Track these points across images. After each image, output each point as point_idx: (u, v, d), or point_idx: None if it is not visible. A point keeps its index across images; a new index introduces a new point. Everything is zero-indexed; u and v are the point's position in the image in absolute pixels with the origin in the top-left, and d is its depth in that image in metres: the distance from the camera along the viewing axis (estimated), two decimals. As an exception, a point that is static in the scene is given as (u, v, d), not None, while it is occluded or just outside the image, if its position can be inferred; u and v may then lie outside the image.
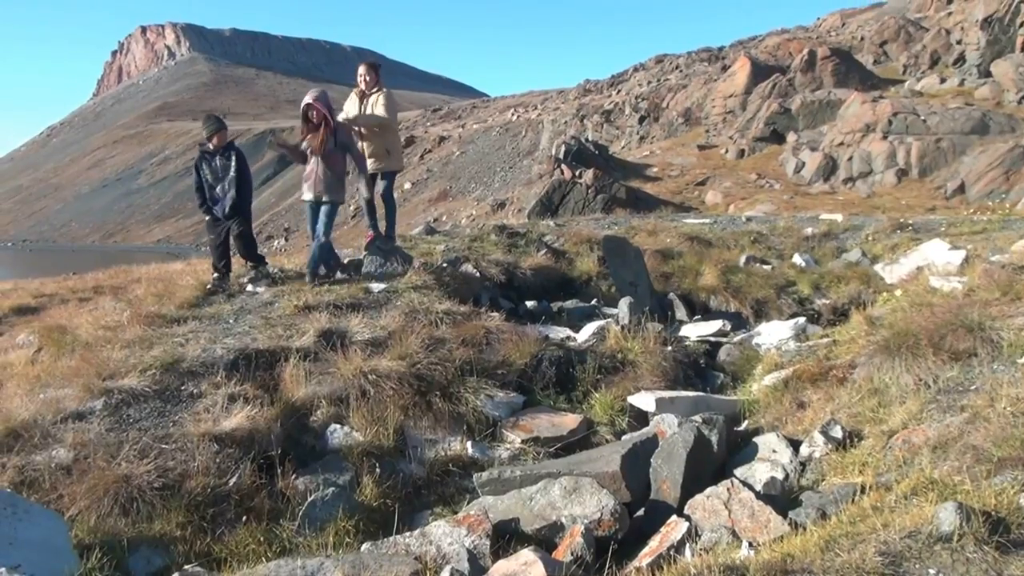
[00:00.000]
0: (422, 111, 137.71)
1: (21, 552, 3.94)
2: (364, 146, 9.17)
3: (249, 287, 8.32)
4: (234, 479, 4.92)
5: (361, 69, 9.34)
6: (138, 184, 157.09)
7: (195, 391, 5.83)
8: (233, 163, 8.38)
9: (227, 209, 8.41)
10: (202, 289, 8.34)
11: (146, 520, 4.54)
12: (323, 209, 8.54)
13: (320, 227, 8.51)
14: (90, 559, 4.08)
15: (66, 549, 4.14)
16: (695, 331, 8.22)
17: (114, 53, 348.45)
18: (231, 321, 7.30)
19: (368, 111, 9.24)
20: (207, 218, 8.74)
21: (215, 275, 8.70)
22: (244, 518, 4.67)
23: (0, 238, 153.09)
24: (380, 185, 9.42)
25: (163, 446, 5.07)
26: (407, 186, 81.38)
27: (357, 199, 9.65)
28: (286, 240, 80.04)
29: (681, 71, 79.64)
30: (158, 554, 4.37)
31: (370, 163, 9.20)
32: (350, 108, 9.41)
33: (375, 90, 9.31)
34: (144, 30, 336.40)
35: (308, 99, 8.41)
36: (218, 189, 8.47)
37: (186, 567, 3.98)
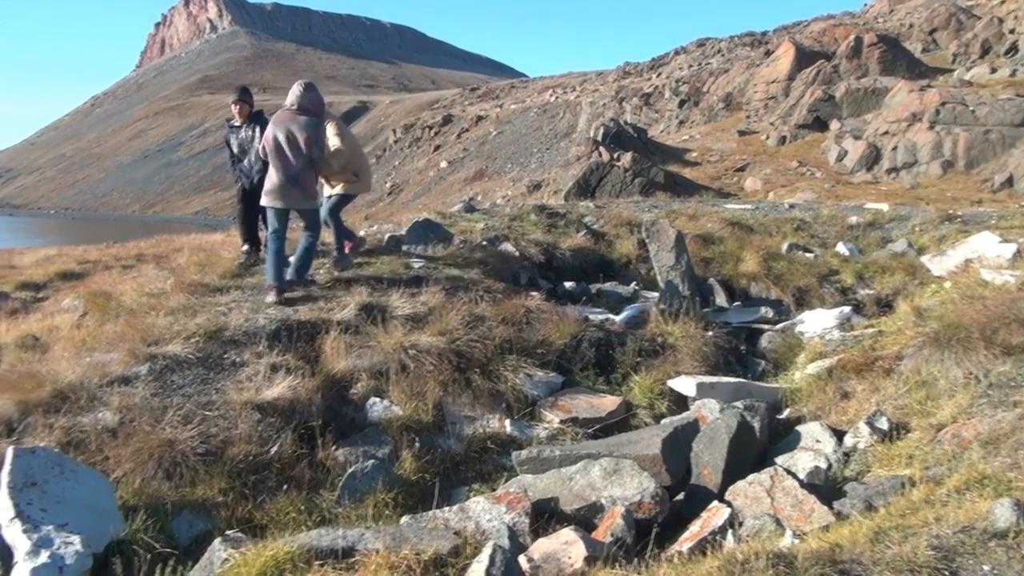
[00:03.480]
0: (460, 90, 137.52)
1: (69, 511, 4.00)
2: None
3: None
4: (275, 448, 4.97)
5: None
6: (178, 156, 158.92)
7: (237, 360, 5.89)
8: (257, 134, 8.20)
9: (254, 181, 8.22)
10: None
11: (189, 485, 4.59)
12: None
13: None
14: (135, 520, 4.14)
15: (111, 510, 4.21)
16: (736, 317, 8.13)
17: (157, 25, 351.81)
18: (273, 292, 7.34)
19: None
20: (237, 187, 8.66)
21: (243, 248, 8.62)
22: (284, 486, 4.72)
23: (44, 206, 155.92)
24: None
25: (206, 413, 5.13)
26: (443, 165, 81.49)
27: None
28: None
29: (723, 55, 78.59)
30: (200, 519, 4.42)
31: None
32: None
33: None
34: (187, 2, 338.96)
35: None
36: (245, 161, 8.37)
37: (228, 532, 4.01)
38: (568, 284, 9.42)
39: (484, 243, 9.43)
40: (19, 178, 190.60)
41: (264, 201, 7.33)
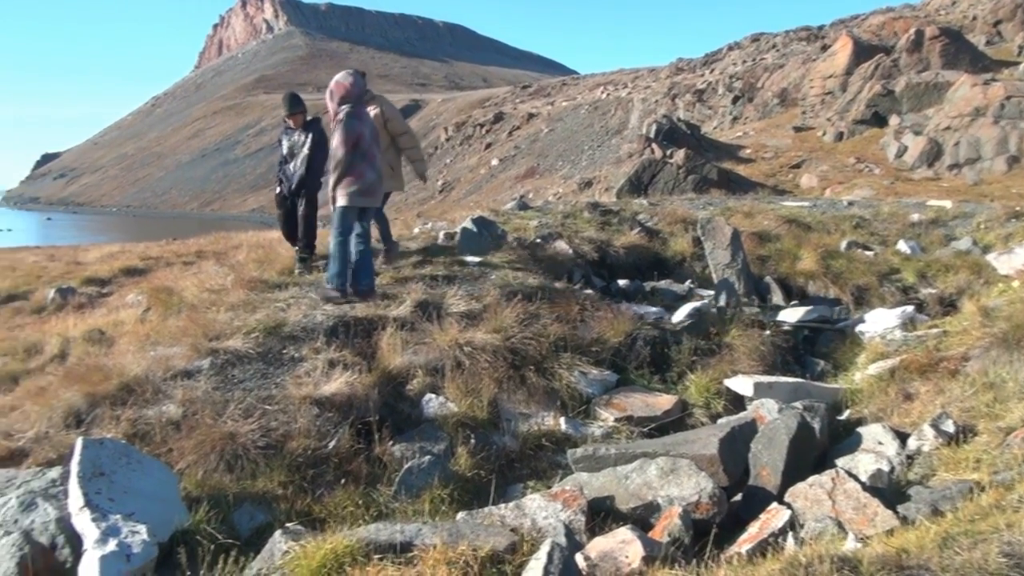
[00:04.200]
0: (511, 88, 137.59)
1: (135, 501, 4.10)
2: None
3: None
4: (333, 442, 5.03)
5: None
6: (235, 154, 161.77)
7: (296, 355, 5.97)
8: (308, 140, 8.18)
9: (293, 185, 8.25)
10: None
11: (249, 477, 4.67)
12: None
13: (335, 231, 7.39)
14: (198, 511, 4.22)
15: (176, 500, 4.30)
16: (794, 316, 8.00)
17: (215, 26, 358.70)
18: (330, 287, 7.42)
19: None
20: (276, 192, 8.60)
21: (298, 254, 8.34)
22: (342, 481, 4.76)
23: (106, 204, 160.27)
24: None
25: (266, 407, 5.21)
26: (494, 162, 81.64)
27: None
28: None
29: (778, 50, 77.31)
30: (261, 511, 4.50)
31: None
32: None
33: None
34: (244, 4, 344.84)
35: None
36: (291, 165, 8.31)
37: (288, 525, 4.07)
38: (622, 282, 9.37)
39: (538, 240, 9.43)
40: (83, 177, 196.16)
41: (360, 201, 7.16)
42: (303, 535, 3.81)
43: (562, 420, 5.69)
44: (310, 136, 8.21)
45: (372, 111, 7.77)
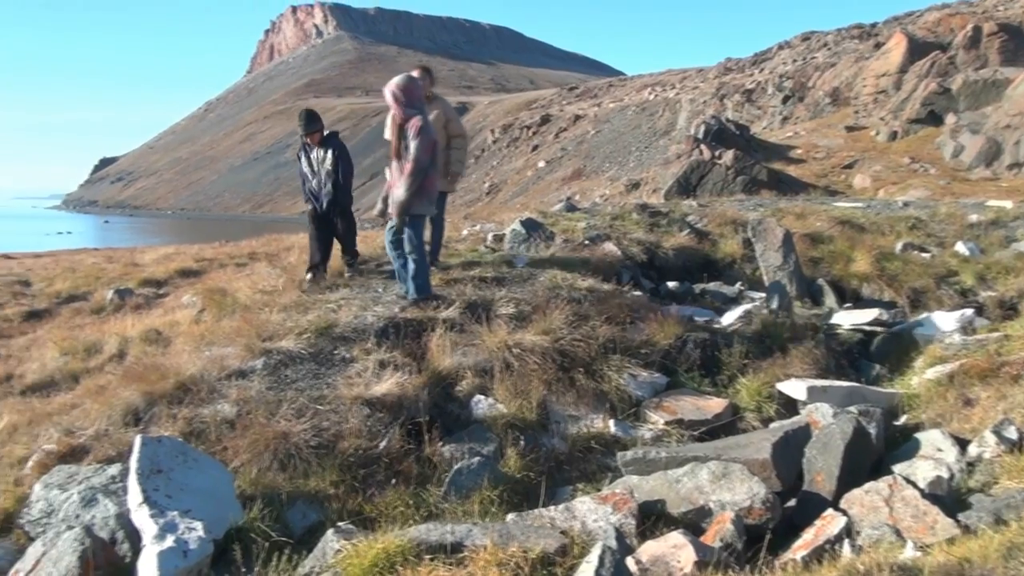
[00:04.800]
0: (558, 89, 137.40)
1: (191, 498, 4.18)
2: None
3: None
4: (384, 442, 5.07)
5: (416, 74, 7.58)
6: (285, 158, 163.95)
7: (347, 356, 6.04)
8: (329, 156, 8.03)
9: (324, 205, 8.10)
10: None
11: (302, 476, 4.73)
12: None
13: (403, 248, 7.06)
14: (252, 509, 4.29)
15: (231, 498, 4.37)
16: (848, 319, 7.85)
17: (267, 32, 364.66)
18: (380, 290, 7.51)
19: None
20: (308, 208, 8.30)
21: (308, 275, 8.07)
22: (393, 480, 4.80)
23: (161, 207, 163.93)
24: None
25: (318, 407, 5.28)
26: (540, 164, 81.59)
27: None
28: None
29: (829, 49, 76.04)
30: (313, 510, 4.55)
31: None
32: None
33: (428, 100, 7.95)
34: (295, 10, 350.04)
35: (391, 85, 6.90)
36: (314, 182, 8.15)
37: (339, 524, 4.11)
38: (671, 284, 9.30)
39: (586, 242, 9.41)
40: (139, 180, 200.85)
41: (431, 210, 7.20)
42: (355, 534, 3.85)
43: (611, 422, 5.66)
44: (330, 152, 8.07)
45: (433, 112, 7.76)
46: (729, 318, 7.52)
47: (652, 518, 4.21)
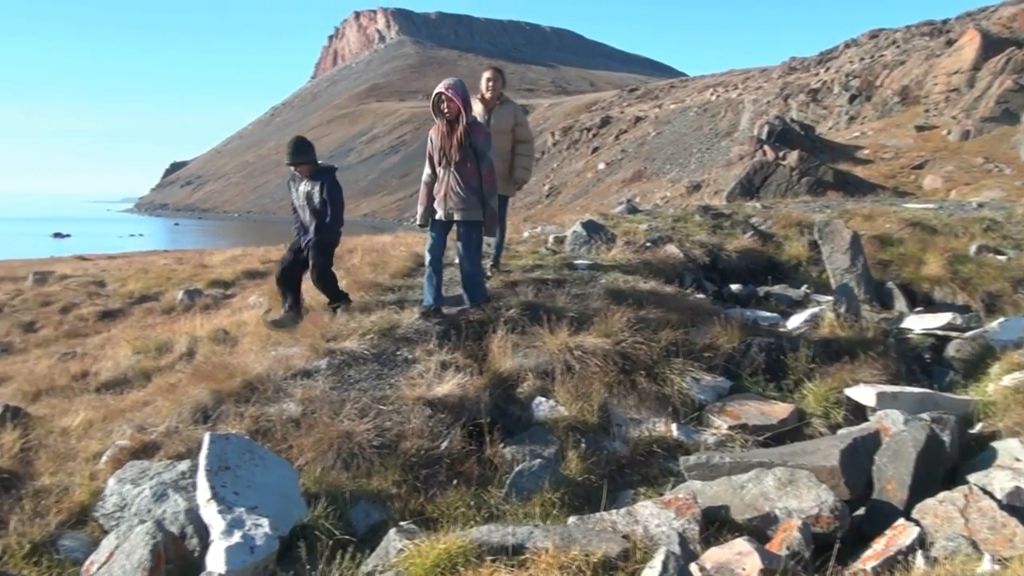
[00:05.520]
0: (618, 91, 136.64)
1: (258, 495, 4.26)
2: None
3: (456, 260, 8.27)
4: (445, 443, 5.10)
5: (488, 74, 7.86)
6: (348, 161, 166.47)
7: (409, 356, 6.10)
8: (317, 193, 7.27)
9: (307, 249, 7.32)
10: (413, 260, 8.68)
11: (365, 476, 4.78)
12: (461, 231, 6.79)
13: (462, 255, 6.84)
14: (316, 507, 4.35)
15: (295, 496, 4.44)
16: (919, 323, 7.62)
17: (330, 38, 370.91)
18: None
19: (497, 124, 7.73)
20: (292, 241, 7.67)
21: (285, 306, 7.48)
22: (454, 481, 4.82)
23: (228, 210, 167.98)
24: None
25: (380, 407, 5.34)
26: (601, 166, 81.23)
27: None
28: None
29: (898, 46, 74.03)
30: (376, 509, 4.60)
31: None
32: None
33: (499, 102, 7.86)
34: (358, 15, 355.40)
35: (441, 87, 6.62)
36: (303, 216, 7.42)
37: (402, 523, 4.14)
38: (734, 286, 9.16)
39: (647, 244, 9.33)
40: (208, 184, 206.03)
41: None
42: (416, 534, 3.87)
43: (674, 426, 5.59)
44: (318, 187, 7.30)
45: (504, 114, 7.74)
46: (795, 322, 7.38)
47: (715, 524, 4.15)
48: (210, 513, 4.06)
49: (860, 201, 14.74)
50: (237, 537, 3.86)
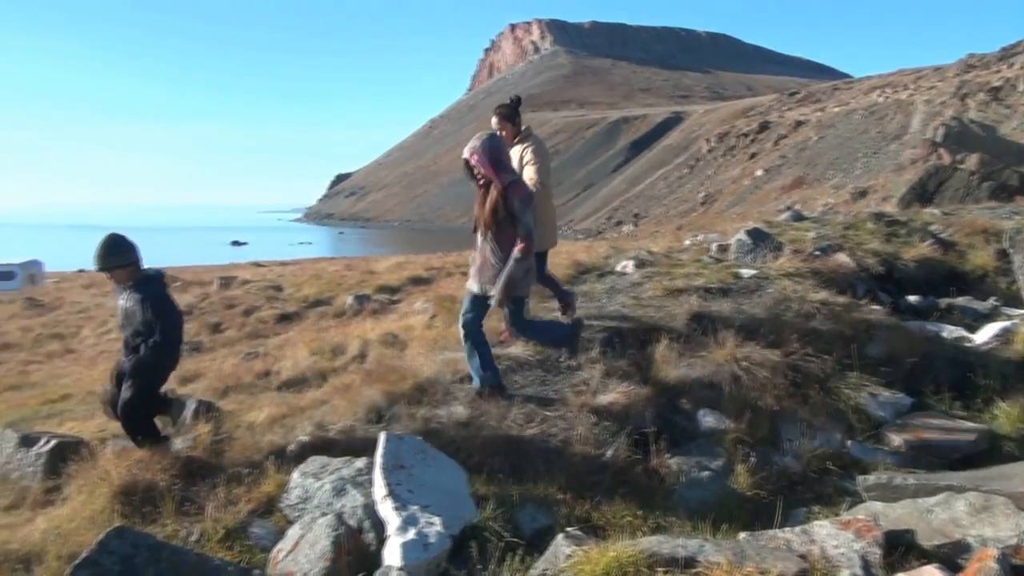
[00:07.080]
0: (777, 95, 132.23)
1: (430, 494, 4.39)
2: None
3: (619, 267, 8.37)
4: (611, 451, 5.07)
5: (493, 121, 6.96)
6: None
7: (573, 364, 6.12)
8: (139, 311, 5.47)
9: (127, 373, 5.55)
10: (575, 267, 8.72)
11: (531, 481, 4.82)
12: (504, 312, 6.03)
13: (510, 324, 6.09)
14: (485, 509, 4.42)
15: (465, 496, 4.54)
16: None
17: (486, 51, 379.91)
18: (603, 300, 7.56)
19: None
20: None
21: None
22: (619, 490, 4.79)
23: (388, 219, 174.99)
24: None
25: (546, 413, 5.39)
26: (759, 173, 78.88)
27: None
28: (635, 226, 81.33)
29: (1095, 38, 67.79)
30: (542, 513, 4.63)
31: None
32: None
33: (516, 141, 6.89)
34: (513, 28, 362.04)
35: (466, 152, 5.56)
36: (125, 334, 5.66)
37: (568, 529, 4.16)
38: (912, 298, 8.64)
39: (816, 252, 8.97)
40: (370, 194, 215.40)
41: (527, 289, 5.84)
42: (585, 540, 3.88)
43: (849, 443, 5.35)
44: (140, 303, 5.47)
45: (523, 150, 6.82)
46: (983, 336, 6.89)
47: (899, 549, 3.92)
48: (386, 509, 4.22)
49: (1057, 207, 13.59)
50: (412, 534, 4.00)
